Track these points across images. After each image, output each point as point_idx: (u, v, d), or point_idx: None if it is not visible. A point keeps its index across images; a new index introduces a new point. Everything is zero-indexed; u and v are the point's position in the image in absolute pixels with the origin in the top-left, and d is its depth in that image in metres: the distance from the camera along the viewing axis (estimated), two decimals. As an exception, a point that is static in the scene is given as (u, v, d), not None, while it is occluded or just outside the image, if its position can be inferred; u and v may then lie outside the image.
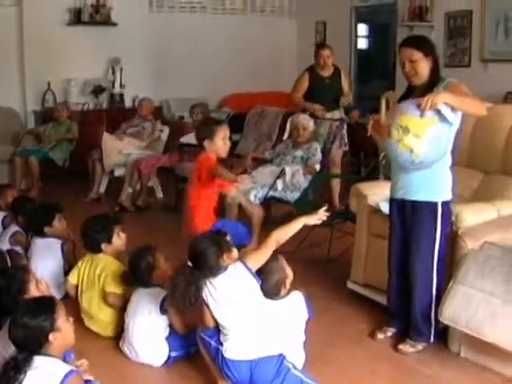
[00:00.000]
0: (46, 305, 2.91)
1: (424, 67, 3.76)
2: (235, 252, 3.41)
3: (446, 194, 3.80)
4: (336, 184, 7.07)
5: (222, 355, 3.28)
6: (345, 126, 7.06)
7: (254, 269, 3.34)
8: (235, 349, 3.26)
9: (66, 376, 2.71)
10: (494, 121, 4.69)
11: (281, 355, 3.27)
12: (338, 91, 7.23)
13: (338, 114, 7.19)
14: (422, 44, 3.83)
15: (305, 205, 5.92)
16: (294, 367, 3.29)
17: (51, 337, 2.80)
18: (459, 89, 3.66)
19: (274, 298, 3.46)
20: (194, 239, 3.44)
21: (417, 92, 3.80)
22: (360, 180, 5.60)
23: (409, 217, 3.85)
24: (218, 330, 3.35)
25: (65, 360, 2.93)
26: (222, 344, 3.30)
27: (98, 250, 4.37)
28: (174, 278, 3.35)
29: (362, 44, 11.26)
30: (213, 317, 3.34)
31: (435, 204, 3.75)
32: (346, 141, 7.13)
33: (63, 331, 2.86)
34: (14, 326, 2.80)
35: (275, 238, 3.48)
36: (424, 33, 8.60)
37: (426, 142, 3.48)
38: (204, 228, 4.21)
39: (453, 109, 3.51)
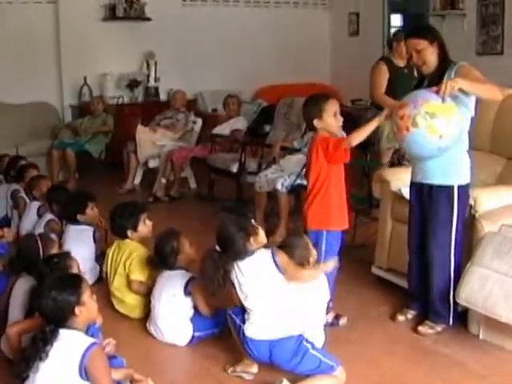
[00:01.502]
0: (72, 280, 3.07)
1: (431, 55, 3.81)
2: (262, 236, 3.47)
3: (463, 178, 3.83)
4: None
5: (244, 333, 3.38)
6: None
7: None
8: (256, 329, 3.35)
9: (88, 348, 2.84)
10: (516, 106, 4.73)
11: (300, 336, 3.34)
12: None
13: None
14: (425, 32, 3.88)
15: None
16: (313, 347, 3.36)
17: (77, 310, 2.94)
18: (472, 72, 3.70)
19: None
20: (220, 223, 3.47)
21: (429, 80, 3.87)
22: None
23: (426, 200, 3.90)
24: (243, 309, 3.44)
25: (92, 336, 3.07)
26: (244, 322, 3.40)
27: (125, 236, 4.50)
28: (203, 262, 3.44)
29: (396, 34, 11.21)
30: (237, 297, 3.44)
31: (451, 188, 3.79)
32: None
33: (87, 306, 3.00)
34: (42, 298, 2.95)
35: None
36: (456, 21, 8.67)
37: (454, 126, 3.55)
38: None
39: (466, 94, 3.58)
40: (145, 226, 4.54)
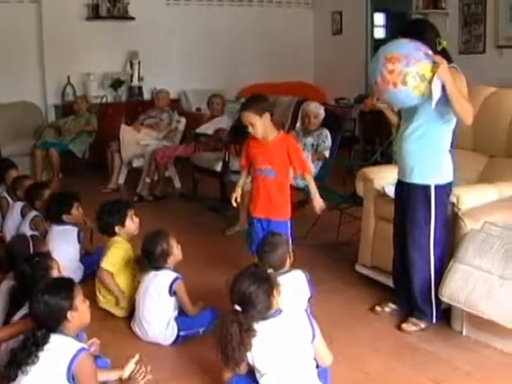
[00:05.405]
0: (65, 285, 3.04)
1: None
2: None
3: (441, 178, 3.83)
4: None
5: None
6: None
7: None
8: None
9: (76, 353, 2.84)
10: (498, 105, 4.78)
11: None
12: None
13: None
14: (409, 30, 3.85)
15: (319, 190, 6.01)
16: None
17: (69, 315, 2.92)
18: (456, 81, 3.61)
19: (278, 271, 3.59)
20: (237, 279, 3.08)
21: None
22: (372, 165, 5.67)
23: (405, 199, 3.93)
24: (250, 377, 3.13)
25: (77, 337, 3.06)
26: None
27: (112, 233, 4.51)
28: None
29: (379, 33, 11.27)
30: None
31: (428, 187, 3.80)
32: None
33: (80, 311, 2.98)
34: (35, 303, 2.93)
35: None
36: (439, 20, 8.68)
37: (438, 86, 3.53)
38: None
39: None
40: (132, 222, 4.55)
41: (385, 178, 4.62)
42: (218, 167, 6.99)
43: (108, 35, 9.57)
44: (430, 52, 3.53)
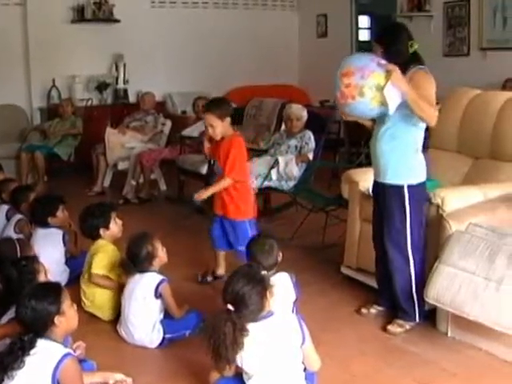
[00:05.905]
0: (52, 289, 3.02)
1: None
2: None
3: (413, 178, 3.87)
4: None
5: None
6: None
7: None
8: None
9: (62, 358, 2.83)
10: (482, 107, 4.81)
11: None
12: None
13: None
14: (380, 37, 3.90)
15: (304, 192, 6.04)
16: None
17: (56, 320, 2.91)
18: (421, 87, 3.67)
19: (268, 272, 3.57)
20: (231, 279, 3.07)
21: None
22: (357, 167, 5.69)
23: (381, 199, 3.98)
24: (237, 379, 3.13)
25: (64, 344, 3.05)
26: None
27: (97, 236, 4.51)
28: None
29: (363, 36, 11.31)
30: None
31: (401, 187, 3.84)
32: None
33: (67, 315, 2.97)
34: (22, 308, 2.92)
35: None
36: (423, 23, 8.73)
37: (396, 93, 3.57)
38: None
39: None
40: (116, 225, 4.56)
41: (370, 180, 4.61)
42: (204, 170, 6.99)
43: (93, 38, 9.54)
44: (383, 61, 3.58)
